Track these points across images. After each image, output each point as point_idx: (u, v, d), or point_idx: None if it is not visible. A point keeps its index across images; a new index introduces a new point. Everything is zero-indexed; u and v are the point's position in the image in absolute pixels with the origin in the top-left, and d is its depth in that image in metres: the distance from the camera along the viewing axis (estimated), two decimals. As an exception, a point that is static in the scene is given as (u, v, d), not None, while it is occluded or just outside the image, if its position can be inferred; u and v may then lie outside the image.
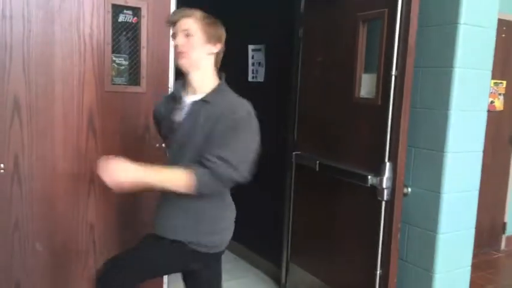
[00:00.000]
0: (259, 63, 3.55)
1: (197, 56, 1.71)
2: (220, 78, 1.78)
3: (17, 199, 2.11)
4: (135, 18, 2.31)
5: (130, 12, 2.30)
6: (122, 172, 1.53)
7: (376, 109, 2.27)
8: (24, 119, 2.09)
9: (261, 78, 3.55)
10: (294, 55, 2.95)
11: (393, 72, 2.17)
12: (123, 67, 2.33)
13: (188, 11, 1.73)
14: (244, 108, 1.66)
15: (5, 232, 2.09)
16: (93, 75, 2.24)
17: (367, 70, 2.41)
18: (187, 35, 1.70)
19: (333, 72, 2.62)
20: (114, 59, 2.29)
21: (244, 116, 1.64)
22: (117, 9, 2.26)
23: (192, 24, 1.71)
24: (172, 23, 1.73)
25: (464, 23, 2.25)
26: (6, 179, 2.08)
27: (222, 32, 1.77)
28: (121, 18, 2.28)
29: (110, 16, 2.24)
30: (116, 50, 2.29)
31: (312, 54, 2.79)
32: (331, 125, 2.61)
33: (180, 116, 1.74)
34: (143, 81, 2.36)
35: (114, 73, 2.30)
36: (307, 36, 2.86)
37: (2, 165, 2.05)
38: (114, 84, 2.29)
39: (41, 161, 2.15)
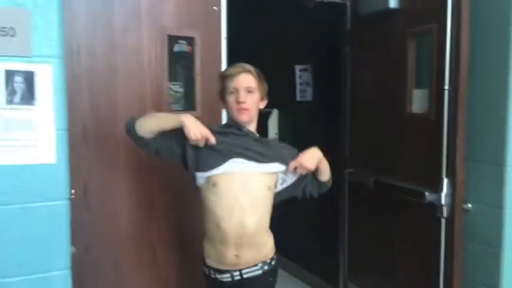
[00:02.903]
0: (307, 83, 3.60)
1: (256, 111, 1.88)
2: None
3: (86, 223, 2.24)
4: (189, 47, 2.42)
5: (184, 42, 2.41)
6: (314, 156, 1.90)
7: (430, 124, 2.25)
8: (91, 146, 2.23)
9: (309, 97, 3.59)
10: (342, 73, 2.98)
11: (446, 86, 2.15)
12: (179, 94, 2.44)
13: (247, 66, 1.85)
14: None
15: (76, 256, 2.21)
16: (152, 102, 2.34)
17: (418, 85, 2.40)
18: (249, 91, 1.82)
19: (382, 88, 2.62)
20: (170, 86, 2.41)
21: None
22: (172, 40, 2.38)
23: (253, 80, 1.84)
24: (232, 76, 1.84)
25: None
26: (77, 204, 2.20)
27: (266, 88, 1.92)
28: (176, 48, 2.40)
29: (166, 46, 2.36)
30: (172, 77, 2.41)
31: (360, 72, 2.80)
32: (384, 142, 2.60)
33: None
34: (198, 106, 2.46)
35: (171, 100, 2.41)
36: (354, 54, 2.88)
37: (73, 191, 2.18)
38: (171, 110, 2.40)
39: (107, 186, 2.27)
